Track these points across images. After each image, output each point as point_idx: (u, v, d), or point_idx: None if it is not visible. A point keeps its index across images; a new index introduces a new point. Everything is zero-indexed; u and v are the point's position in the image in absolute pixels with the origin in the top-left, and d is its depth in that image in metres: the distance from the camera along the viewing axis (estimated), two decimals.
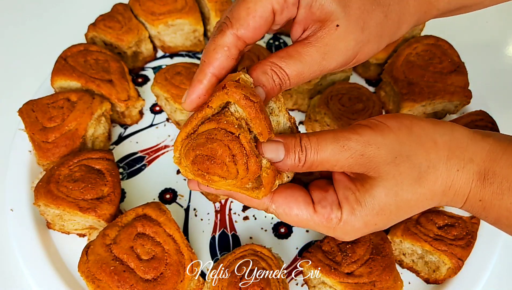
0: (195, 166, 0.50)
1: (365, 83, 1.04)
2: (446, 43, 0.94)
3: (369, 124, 0.51)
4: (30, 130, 0.80)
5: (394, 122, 0.51)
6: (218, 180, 0.51)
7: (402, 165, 0.50)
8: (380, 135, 0.50)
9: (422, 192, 0.51)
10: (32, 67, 1.05)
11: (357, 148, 0.50)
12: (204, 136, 0.49)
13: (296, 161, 0.51)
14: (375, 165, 0.50)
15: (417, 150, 0.50)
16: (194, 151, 0.49)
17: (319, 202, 0.54)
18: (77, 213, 0.72)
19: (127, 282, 0.64)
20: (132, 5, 1.02)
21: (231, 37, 0.49)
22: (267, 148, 0.50)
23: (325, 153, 0.50)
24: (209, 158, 0.49)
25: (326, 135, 0.51)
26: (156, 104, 0.98)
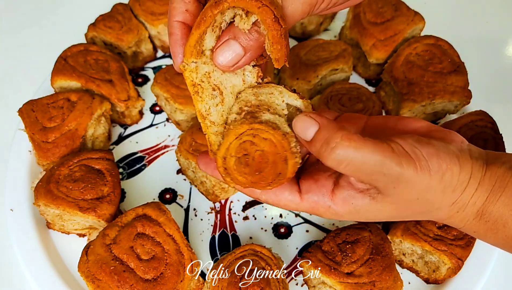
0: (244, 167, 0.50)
1: (365, 83, 1.04)
2: (446, 43, 0.94)
3: (414, 157, 0.49)
4: (30, 130, 0.80)
5: (435, 163, 0.50)
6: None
7: (419, 205, 0.52)
8: (420, 176, 0.49)
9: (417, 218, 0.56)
10: (32, 67, 1.05)
11: (396, 179, 0.49)
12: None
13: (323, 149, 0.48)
14: (397, 197, 0.51)
15: (438, 197, 0.51)
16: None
17: (306, 192, 0.55)
18: (77, 213, 0.72)
19: (127, 282, 0.64)
20: (132, 5, 1.02)
21: None
22: (299, 120, 0.49)
23: (362, 165, 0.48)
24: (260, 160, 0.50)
25: (370, 152, 0.48)
26: (156, 104, 0.98)
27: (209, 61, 0.51)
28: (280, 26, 0.45)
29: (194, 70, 0.50)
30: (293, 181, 0.56)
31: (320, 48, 0.96)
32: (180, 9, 0.51)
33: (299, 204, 0.55)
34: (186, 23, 0.52)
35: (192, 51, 0.50)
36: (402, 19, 0.98)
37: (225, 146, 0.50)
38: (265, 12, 0.44)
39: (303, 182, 0.56)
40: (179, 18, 0.51)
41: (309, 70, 0.92)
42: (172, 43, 0.52)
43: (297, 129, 0.49)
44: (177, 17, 0.51)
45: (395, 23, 0.97)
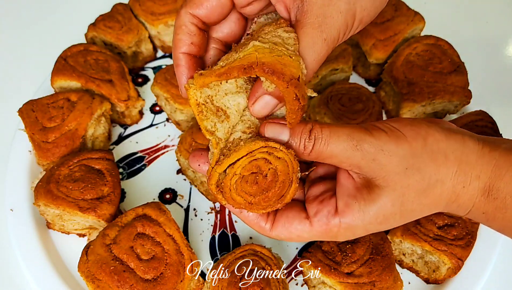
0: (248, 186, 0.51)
1: (365, 83, 1.04)
2: (446, 43, 0.94)
3: (385, 129, 0.51)
4: (30, 130, 0.80)
5: (410, 131, 0.50)
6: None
7: (411, 177, 0.50)
8: (394, 143, 0.50)
9: (427, 203, 0.53)
10: (32, 67, 1.05)
11: (370, 151, 0.49)
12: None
13: (301, 148, 0.51)
14: (385, 173, 0.50)
15: (428, 164, 0.50)
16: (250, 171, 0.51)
17: (315, 215, 0.55)
18: (77, 213, 0.72)
19: (127, 282, 0.64)
20: (132, 5, 1.02)
21: (185, 16, 0.52)
22: (269, 128, 0.50)
23: (336, 148, 0.50)
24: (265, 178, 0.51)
25: (340, 130, 0.50)
26: (156, 104, 0.98)
27: (212, 84, 0.51)
28: (299, 103, 0.48)
29: (199, 89, 0.51)
30: (299, 208, 0.56)
31: None
32: (186, 41, 0.52)
33: (311, 231, 0.55)
34: (191, 54, 0.53)
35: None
36: (402, 19, 0.98)
37: (229, 162, 0.50)
38: (288, 93, 0.47)
39: (310, 206, 0.56)
40: (185, 50, 0.53)
41: None
42: (179, 74, 0.53)
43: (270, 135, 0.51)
44: (182, 49, 0.53)
45: (395, 23, 0.97)
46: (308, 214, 0.55)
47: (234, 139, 0.52)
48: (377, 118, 0.87)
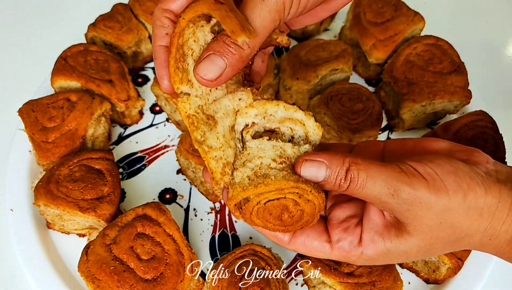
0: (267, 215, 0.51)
1: (365, 83, 1.04)
2: (446, 43, 0.94)
3: (427, 177, 0.48)
4: (30, 130, 0.80)
5: (453, 183, 0.48)
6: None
7: (443, 231, 0.50)
8: (434, 195, 0.48)
9: (450, 249, 0.53)
10: (32, 67, 1.05)
11: (407, 201, 0.48)
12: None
13: (336, 187, 0.49)
14: (418, 223, 0.49)
15: (463, 220, 0.49)
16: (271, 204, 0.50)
17: (337, 242, 0.54)
18: (77, 213, 0.72)
19: (127, 282, 0.64)
20: (132, 5, 1.02)
21: (158, 11, 0.53)
22: (307, 166, 0.49)
23: (371, 193, 0.48)
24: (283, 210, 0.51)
25: (377, 174, 0.48)
26: (156, 104, 0.98)
27: (200, 93, 0.51)
28: (221, 3, 0.46)
29: (186, 101, 0.51)
30: (321, 229, 0.56)
31: (320, 48, 0.96)
32: (161, 34, 0.53)
33: (330, 254, 0.55)
34: (167, 46, 0.53)
35: (175, 79, 0.51)
36: (402, 19, 0.98)
37: (256, 192, 0.49)
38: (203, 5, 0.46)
39: (333, 231, 0.55)
40: (162, 42, 0.53)
41: (309, 70, 0.92)
42: (157, 66, 0.54)
43: (306, 175, 0.49)
44: (159, 42, 0.53)
45: (395, 23, 0.97)
46: (330, 238, 0.55)
47: (262, 165, 0.50)
48: (377, 118, 0.87)
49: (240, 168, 0.51)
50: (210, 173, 0.52)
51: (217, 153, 0.51)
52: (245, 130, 0.53)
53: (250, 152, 0.51)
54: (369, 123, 0.86)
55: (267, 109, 0.53)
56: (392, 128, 0.97)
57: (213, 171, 0.51)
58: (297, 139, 0.54)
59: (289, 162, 0.51)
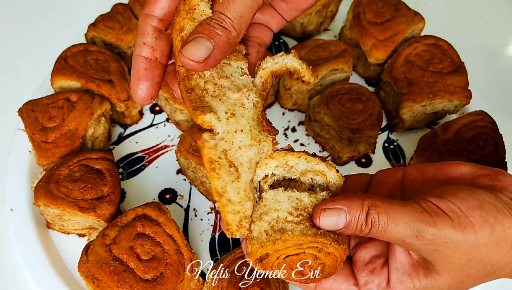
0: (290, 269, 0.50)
1: (365, 83, 1.04)
2: (446, 43, 0.94)
3: (451, 215, 0.46)
4: (30, 130, 0.80)
5: (479, 217, 0.46)
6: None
7: (473, 267, 0.48)
8: (460, 233, 0.46)
9: (480, 283, 0.51)
10: (32, 67, 1.05)
11: (433, 241, 0.46)
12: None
13: (357, 232, 0.47)
14: (446, 262, 0.47)
15: (493, 254, 0.47)
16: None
17: (365, 284, 0.53)
18: (77, 213, 0.72)
19: (127, 282, 0.64)
20: (132, 5, 1.02)
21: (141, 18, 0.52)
22: (326, 216, 0.47)
23: (394, 236, 0.46)
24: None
25: (398, 216, 0.46)
26: (156, 104, 0.98)
27: (229, 136, 0.50)
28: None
29: (214, 147, 0.49)
30: (347, 273, 0.54)
31: (320, 48, 0.96)
32: (140, 42, 0.52)
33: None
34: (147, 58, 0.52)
35: (197, 114, 0.49)
36: (402, 19, 0.98)
37: (274, 248, 0.48)
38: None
39: (359, 274, 0.54)
40: (141, 52, 0.52)
41: None
42: (132, 76, 0.52)
43: (326, 226, 0.48)
44: (138, 51, 0.52)
45: (395, 23, 0.97)
46: (357, 282, 0.53)
47: (279, 218, 0.49)
48: (377, 118, 0.87)
49: (257, 222, 0.50)
50: (226, 225, 0.50)
51: (235, 207, 0.50)
52: (263, 180, 0.52)
53: (266, 204, 0.50)
54: (369, 123, 0.86)
55: (288, 161, 0.51)
56: (392, 128, 0.97)
57: (229, 224, 0.50)
58: (315, 187, 0.53)
59: (306, 214, 0.49)
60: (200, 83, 0.51)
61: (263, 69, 0.53)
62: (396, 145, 0.95)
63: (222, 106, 0.50)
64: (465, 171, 0.53)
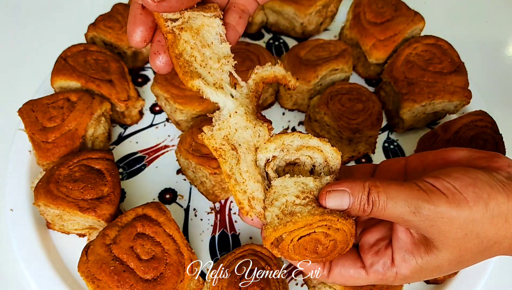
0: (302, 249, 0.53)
1: (365, 83, 1.04)
2: (446, 43, 0.94)
3: (446, 192, 0.49)
4: (30, 130, 0.80)
5: (472, 193, 0.48)
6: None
7: (470, 241, 0.50)
8: (455, 209, 0.48)
9: (481, 259, 0.54)
10: (32, 67, 1.05)
11: (429, 217, 0.48)
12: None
13: (361, 212, 0.51)
14: (443, 237, 0.50)
15: (488, 229, 0.49)
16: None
17: (371, 266, 0.55)
18: (77, 213, 0.72)
19: (127, 282, 0.64)
20: None
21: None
22: (331, 197, 0.51)
23: (394, 213, 0.49)
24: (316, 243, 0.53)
25: (396, 194, 0.49)
26: (156, 104, 0.98)
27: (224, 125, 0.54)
28: None
29: (211, 137, 0.54)
30: (355, 257, 0.57)
31: (320, 48, 0.96)
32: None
33: (367, 279, 0.56)
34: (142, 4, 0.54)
35: (186, 79, 0.54)
36: (402, 19, 0.98)
37: (286, 230, 0.51)
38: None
39: (365, 257, 0.56)
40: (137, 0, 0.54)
41: (309, 70, 0.92)
42: (129, 22, 0.54)
43: (331, 206, 0.51)
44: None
45: (395, 23, 0.97)
46: (364, 264, 0.56)
47: (287, 202, 0.52)
48: (377, 118, 0.87)
49: (269, 208, 0.53)
50: (238, 204, 0.54)
51: (241, 187, 0.54)
52: (267, 165, 0.55)
53: (276, 191, 0.53)
54: (369, 123, 0.86)
55: (284, 140, 0.55)
56: (392, 128, 0.97)
57: (240, 202, 0.54)
58: (318, 168, 0.56)
59: (313, 196, 0.53)
60: (187, 48, 0.54)
61: (255, 74, 0.57)
62: (396, 145, 0.95)
63: (210, 78, 0.55)
64: (462, 155, 0.56)
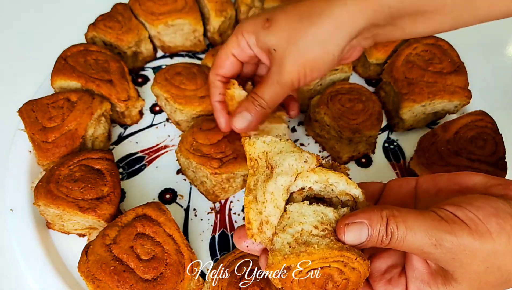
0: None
1: (365, 83, 1.04)
2: (446, 43, 0.94)
3: (468, 223, 0.46)
4: (30, 130, 0.80)
5: (495, 225, 0.46)
6: None
7: (491, 275, 0.48)
8: (478, 241, 0.46)
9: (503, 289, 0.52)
10: (32, 67, 1.05)
11: (452, 249, 0.46)
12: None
13: (378, 243, 0.48)
14: (464, 270, 0.47)
15: (510, 261, 0.47)
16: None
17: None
18: (77, 213, 0.72)
19: (127, 282, 0.64)
20: (132, 5, 1.02)
21: (212, 75, 0.78)
22: (350, 230, 0.48)
23: (413, 245, 0.47)
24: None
25: (417, 225, 0.46)
26: (156, 104, 0.98)
27: (271, 142, 0.52)
28: None
29: (252, 144, 0.51)
30: (364, 285, 0.53)
31: None
32: (215, 93, 0.77)
33: None
34: (222, 101, 0.77)
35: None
36: None
37: (298, 261, 0.47)
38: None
39: (376, 285, 0.53)
40: (217, 98, 0.77)
41: None
42: (217, 115, 0.78)
43: (350, 240, 0.48)
44: (215, 98, 0.78)
45: None
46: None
47: (303, 231, 0.48)
48: (377, 118, 0.87)
49: (280, 233, 0.49)
50: (247, 223, 0.50)
51: (258, 207, 0.50)
52: (298, 192, 0.52)
53: (290, 217, 0.50)
54: (369, 123, 0.86)
55: (329, 178, 0.52)
56: (392, 128, 0.97)
57: (250, 222, 0.50)
58: (336, 200, 0.54)
59: (331, 228, 0.49)
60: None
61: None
62: (396, 145, 0.95)
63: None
64: (477, 181, 0.53)
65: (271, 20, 0.68)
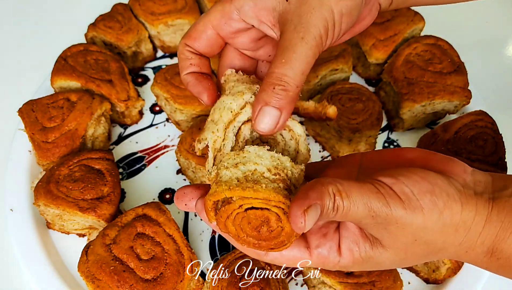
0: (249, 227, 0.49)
1: (365, 83, 1.04)
2: (446, 43, 0.94)
3: (403, 197, 0.48)
4: (30, 130, 0.80)
5: (429, 202, 0.48)
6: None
7: (418, 247, 0.50)
8: (409, 215, 0.48)
9: (423, 261, 0.54)
10: (32, 67, 1.05)
11: (385, 220, 0.48)
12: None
13: (325, 218, 0.48)
14: (393, 239, 0.50)
15: (437, 237, 0.49)
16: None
17: (316, 247, 0.54)
18: (77, 213, 0.72)
19: (127, 282, 0.64)
20: (132, 5, 1.02)
21: (181, 46, 0.60)
22: (309, 216, 0.46)
23: (356, 217, 0.48)
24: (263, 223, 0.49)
25: (359, 197, 0.47)
26: (156, 104, 0.98)
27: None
28: None
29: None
30: (300, 237, 0.54)
31: None
32: (186, 65, 0.59)
33: (309, 260, 0.54)
34: (195, 72, 0.59)
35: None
36: (402, 19, 0.98)
37: (241, 195, 0.47)
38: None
39: (312, 237, 0.54)
40: (188, 70, 0.59)
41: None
42: (191, 88, 0.59)
43: (310, 225, 0.47)
44: (186, 71, 0.59)
45: (395, 23, 0.97)
46: (309, 244, 0.54)
47: (256, 171, 0.48)
48: (377, 118, 0.87)
49: (231, 168, 0.49)
50: (201, 139, 0.53)
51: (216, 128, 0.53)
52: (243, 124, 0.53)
53: (246, 156, 0.49)
54: (369, 123, 0.86)
55: None
56: (392, 128, 0.97)
57: (204, 139, 0.53)
58: (288, 150, 0.55)
59: (284, 175, 0.49)
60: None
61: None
62: (396, 145, 0.95)
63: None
64: (417, 155, 0.55)
65: None
